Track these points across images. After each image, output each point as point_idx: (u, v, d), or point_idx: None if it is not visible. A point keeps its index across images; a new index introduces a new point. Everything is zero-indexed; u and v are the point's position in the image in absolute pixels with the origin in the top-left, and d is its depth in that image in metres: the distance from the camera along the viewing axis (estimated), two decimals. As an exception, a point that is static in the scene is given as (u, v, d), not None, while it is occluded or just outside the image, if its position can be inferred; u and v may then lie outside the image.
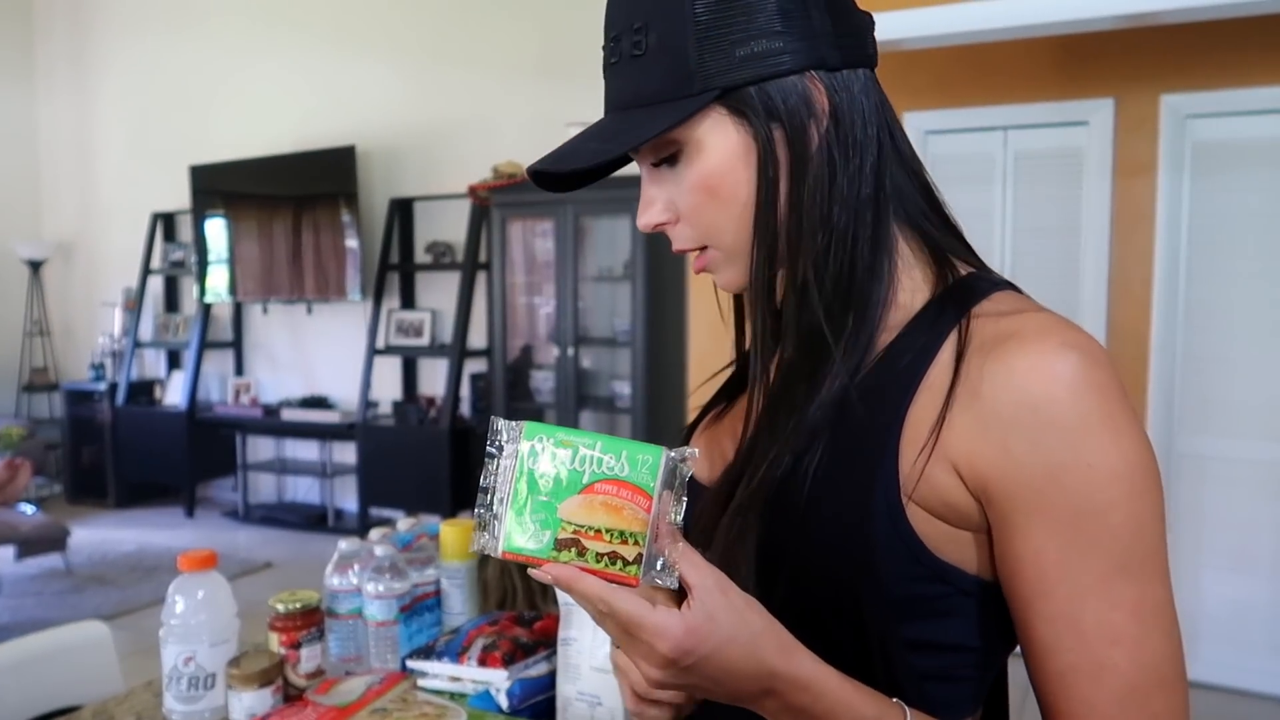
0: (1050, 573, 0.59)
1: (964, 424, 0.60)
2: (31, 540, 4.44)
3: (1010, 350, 0.60)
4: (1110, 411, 0.58)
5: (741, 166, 0.65)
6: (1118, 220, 3.38)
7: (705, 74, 0.63)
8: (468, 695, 1.23)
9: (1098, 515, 0.58)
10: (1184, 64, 3.23)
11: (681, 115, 0.64)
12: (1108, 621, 0.58)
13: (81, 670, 1.50)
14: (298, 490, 5.99)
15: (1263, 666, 3.26)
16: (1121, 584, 0.58)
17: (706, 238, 0.69)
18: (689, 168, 0.67)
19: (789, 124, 0.64)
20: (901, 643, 0.63)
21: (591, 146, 0.67)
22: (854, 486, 0.62)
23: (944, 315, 0.65)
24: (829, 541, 0.63)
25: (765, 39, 0.63)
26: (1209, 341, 3.29)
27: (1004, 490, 0.60)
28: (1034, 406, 0.58)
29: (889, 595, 0.62)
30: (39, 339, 6.65)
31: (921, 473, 0.61)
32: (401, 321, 5.40)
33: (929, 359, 0.63)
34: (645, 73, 0.66)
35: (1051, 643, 0.59)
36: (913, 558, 0.62)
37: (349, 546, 1.36)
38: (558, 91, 4.92)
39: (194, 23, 6.11)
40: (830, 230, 0.65)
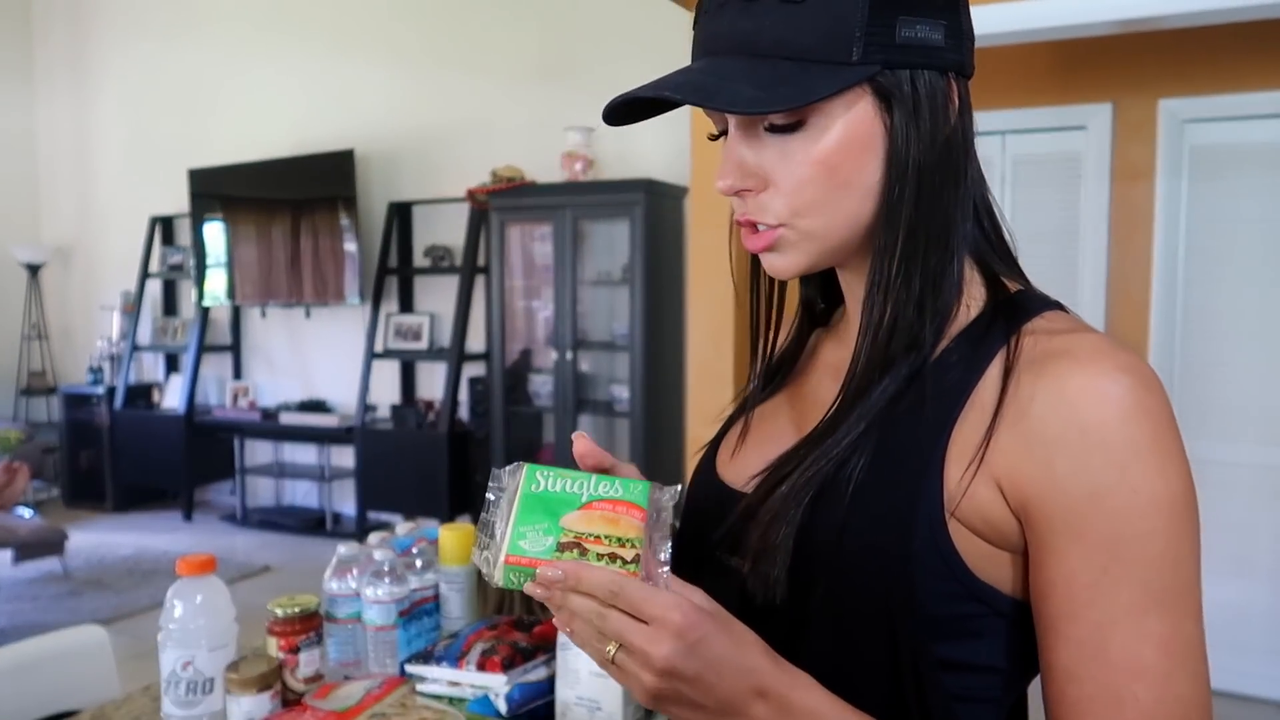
0: (1081, 596, 0.57)
1: (1010, 441, 0.59)
2: (29, 544, 4.43)
3: (1062, 370, 0.58)
4: (1159, 439, 0.57)
5: (868, 151, 0.62)
6: (1116, 225, 3.39)
7: (868, 45, 0.59)
8: (467, 700, 1.22)
9: (1137, 542, 0.56)
10: (1182, 69, 3.24)
11: (840, 84, 0.59)
12: (1134, 653, 0.56)
13: (79, 675, 1.50)
14: (296, 494, 5.98)
15: (1262, 671, 3.26)
16: (1154, 616, 0.56)
17: (798, 215, 0.63)
18: (809, 140, 0.61)
19: (930, 121, 0.62)
20: (934, 661, 0.62)
21: (748, 92, 0.59)
22: (897, 499, 0.61)
23: (993, 330, 0.63)
24: (867, 553, 0.61)
25: (928, 25, 0.60)
26: (1207, 346, 3.30)
27: (1044, 510, 0.58)
28: (1083, 427, 0.57)
29: (924, 612, 0.60)
30: (37, 342, 6.64)
31: (966, 489, 0.60)
32: (400, 325, 5.40)
33: (978, 374, 0.62)
34: (800, 22, 0.59)
35: (1073, 669, 0.58)
36: (951, 575, 0.60)
37: (348, 551, 1.36)
38: (556, 96, 4.92)
39: (192, 26, 6.12)
40: (946, 239, 0.64)
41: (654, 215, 4.31)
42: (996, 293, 0.66)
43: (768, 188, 0.64)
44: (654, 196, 4.30)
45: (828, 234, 0.64)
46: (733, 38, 0.61)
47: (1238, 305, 3.25)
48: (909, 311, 0.63)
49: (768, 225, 0.65)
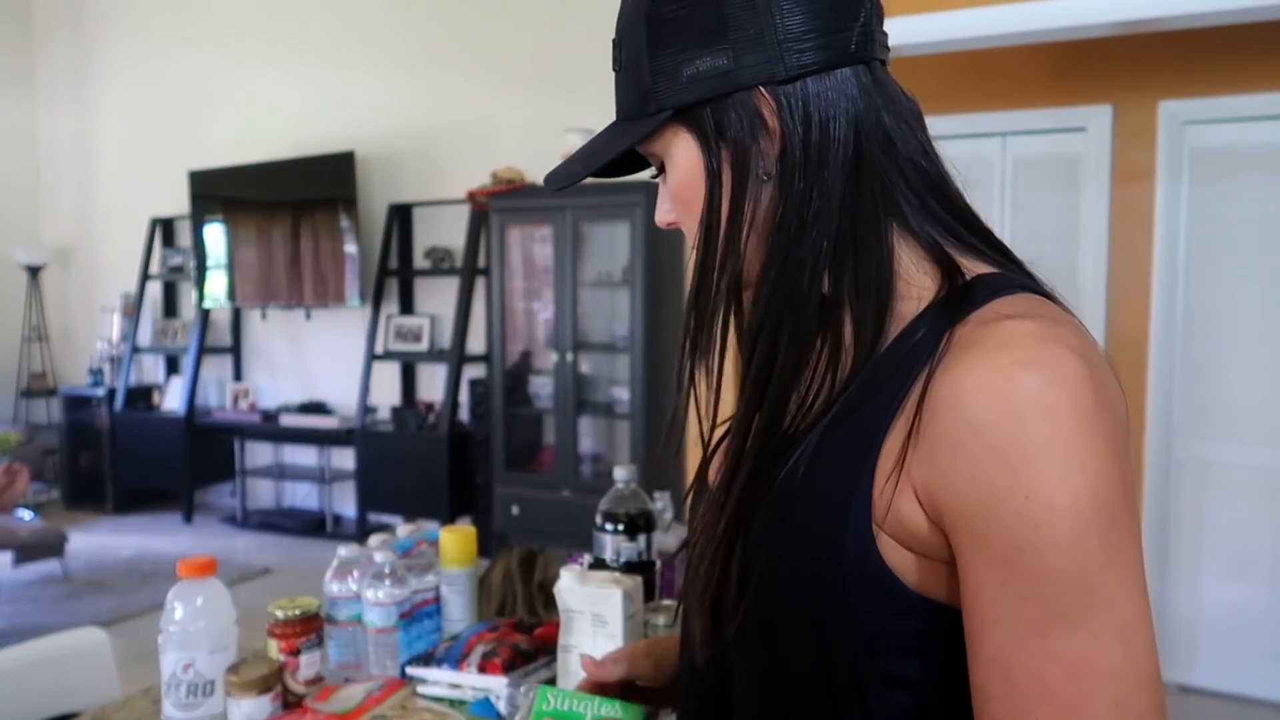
0: (987, 613, 0.54)
1: (920, 445, 0.56)
2: (29, 546, 4.43)
3: (964, 364, 0.55)
4: (1064, 440, 0.52)
5: (701, 182, 0.67)
6: (1116, 226, 3.39)
7: (658, 94, 0.65)
8: (467, 702, 1.22)
9: (1033, 554, 0.52)
10: (1182, 70, 3.24)
11: (634, 137, 0.67)
12: (1039, 675, 0.52)
13: (80, 677, 1.50)
14: (296, 496, 5.98)
15: (1262, 672, 3.26)
16: (1058, 636, 0.52)
17: (692, 241, 0.70)
18: (667, 179, 0.70)
19: (734, 143, 0.64)
20: (879, 678, 0.59)
21: (571, 167, 0.71)
22: (826, 513, 0.59)
23: (935, 326, 0.60)
24: (798, 568, 0.60)
25: (710, 57, 0.63)
26: (1207, 347, 3.30)
27: (951, 519, 0.55)
28: (974, 428, 0.53)
29: (862, 629, 0.58)
30: (37, 344, 6.64)
31: (889, 501, 0.57)
32: (400, 327, 5.40)
33: (912, 371, 0.58)
34: (621, 87, 0.68)
35: (984, 688, 0.55)
36: (884, 590, 0.58)
37: (348, 553, 1.36)
38: (556, 97, 4.92)
39: (193, 29, 6.12)
40: (784, 247, 0.63)
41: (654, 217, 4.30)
42: (949, 281, 0.62)
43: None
44: (654, 198, 4.29)
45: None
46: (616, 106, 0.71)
47: (1238, 306, 3.25)
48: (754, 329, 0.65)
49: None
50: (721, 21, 0.62)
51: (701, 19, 0.63)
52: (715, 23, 0.62)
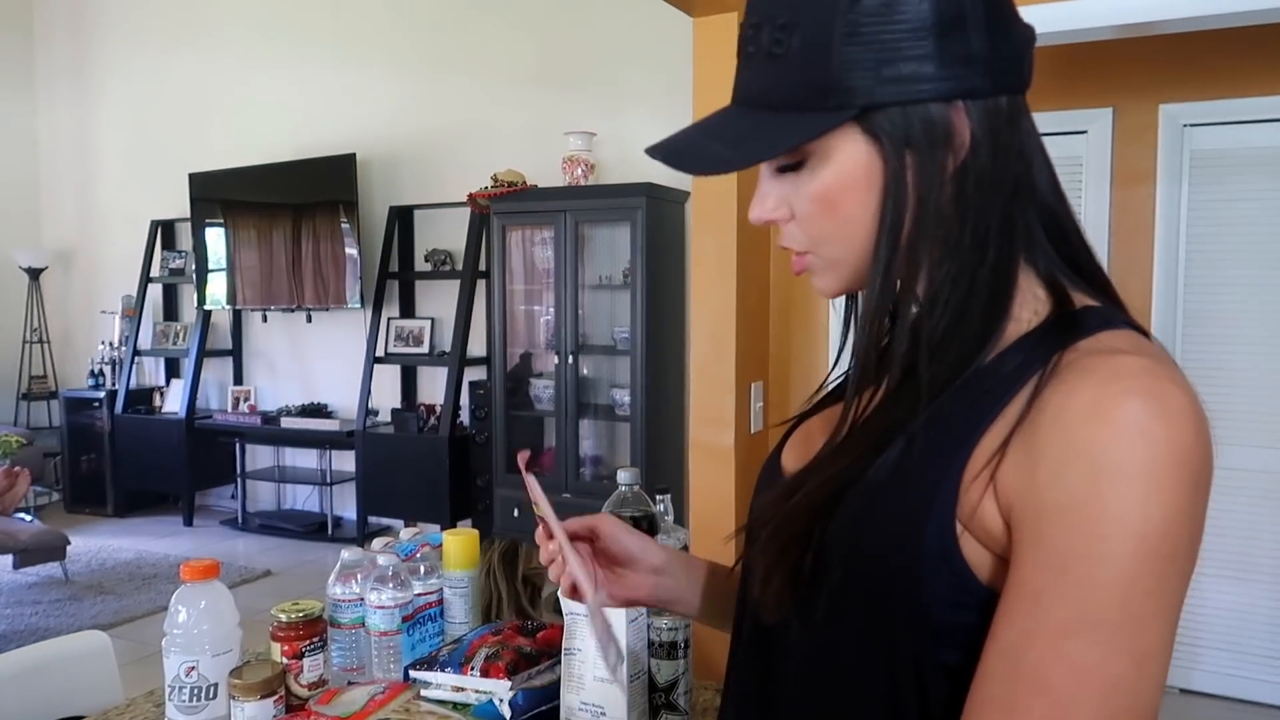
0: (1021, 603, 0.56)
1: (1014, 452, 0.59)
2: (30, 549, 4.43)
3: (1079, 386, 0.57)
4: (1154, 468, 0.54)
5: (865, 186, 0.64)
6: (1116, 229, 3.39)
7: (845, 89, 0.61)
8: (471, 705, 1.22)
9: (1087, 563, 0.54)
10: (1182, 73, 3.24)
11: (813, 132, 0.62)
12: (1045, 670, 0.54)
13: (82, 680, 1.50)
14: (297, 498, 5.98)
15: (1263, 676, 3.26)
16: (1080, 642, 0.54)
17: (814, 245, 0.68)
18: (811, 177, 0.65)
19: (924, 154, 0.62)
20: (939, 667, 0.62)
21: (716, 151, 0.65)
22: (911, 505, 0.61)
23: (1042, 345, 0.62)
24: (878, 556, 0.62)
25: (915, 62, 0.61)
26: (1208, 349, 3.30)
27: (1020, 517, 0.58)
28: (1071, 440, 0.56)
29: (930, 617, 0.61)
30: (38, 347, 6.64)
31: (978, 499, 0.60)
32: (401, 329, 5.41)
33: (1015, 386, 0.61)
34: (782, 74, 0.63)
35: (989, 669, 0.57)
36: (959, 583, 0.60)
37: (351, 556, 1.36)
38: (556, 100, 4.93)
39: (194, 32, 6.13)
40: (952, 268, 0.64)
41: (655, 219, 4.31)
42: (1059, 308, 0.65)
43: (792, 219, 0.68)
44: (655, 201, 4.30)
45: (844, 261, 0.67)
46: (741, 89, 0.67)
47: (1238, 309, 3.25)
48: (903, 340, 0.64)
49: (797, 253, 0.69)
50: (932, 26, 0.61)
51: (911, 20, 0.61)
52: (925, 26, 0.61)
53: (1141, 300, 3.36)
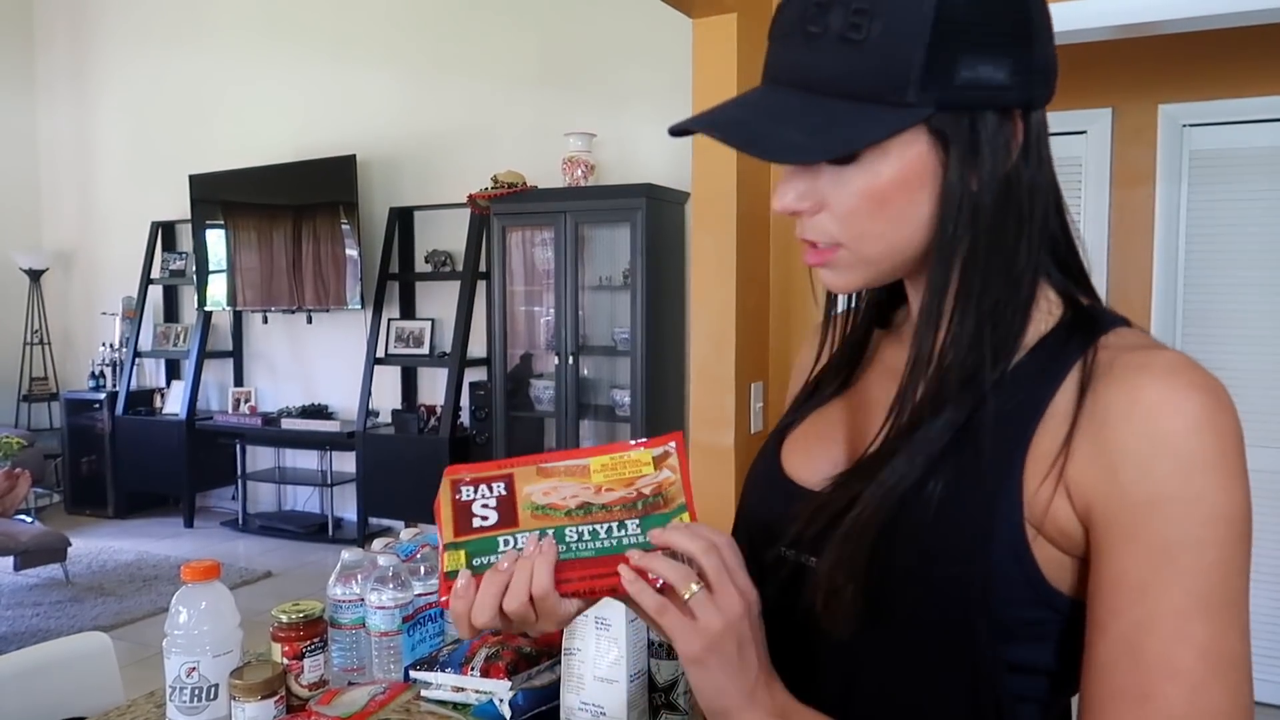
0: (1128, 594, 0.58)
1: (1082, 451, 0.60)
2: (31, 550, 4.43)
3: (1139, 383, 0.59)
4: (1226, 455, 0.58)
5: (921, 187, 0.63)
6: (1116, 229, 3.39)
7: (923, 86, 0.59)
8: (471, 705, 1.22)
9: (1192, 549, 0.57)
10: (1181, 74, 3.25)
11: (893, 128, 0.60)
12: (1171, 655, 0.56)
13: (83, 681, 1.50)
14: (297, 499, 5.98)
15: (1264, 675, 3.26)
16: (1197, 622, 0.57)
17: (851, 240, 0.65)
18: (863, 173, 0.62)
19: (989, 160, 0.62)
20: (1004, 664, 0.63)
21: (792, 138, 0.61)
22: (976, 513, 0.62)
23: (1070, 343, 0.64)
24: (948, 564, 0.62)
25: (992, 65, 0.60)
26: (1207, 350, 3.30)
27: (1106, 513, 0.59)
28: (1152, 436, 0.58)
29: (999, 618, 0.62)
30: (38, 348, 6.65)
31: (1047, 501, 0.61)
32: (401, 330, 5.41)
33: (1054, 385, 0.63)
34: (858, 62, 0.60)
35: (1108, 663, 0.58)
36: (1026, 582, 0.61)
37: (352, 556, 1.36)
38: (557, 101, 4.93)
39: (194, 32, 6.13)
40: (1007, 274, 0.64)
41: (655, 220, 4.31)
42: (1072, 308, 0.67)
43: (822, 210, 0.65)
44: (655, 201, 4.30)
45: (880, 259, 0.66)
46: (794, 70, 0.63)
47: (1238, 309, 3.25)
48: (963, 346, 0.64)
49: (822, 246, 0.66)
50: (1013, 30, 0.61)
51: (995, 21, 0.60)
52: (1008, 30, 0.60)
53: (1141, 300, 3.36)
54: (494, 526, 0.65)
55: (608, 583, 0.62)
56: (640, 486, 0.65)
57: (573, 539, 0.64)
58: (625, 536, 0.63)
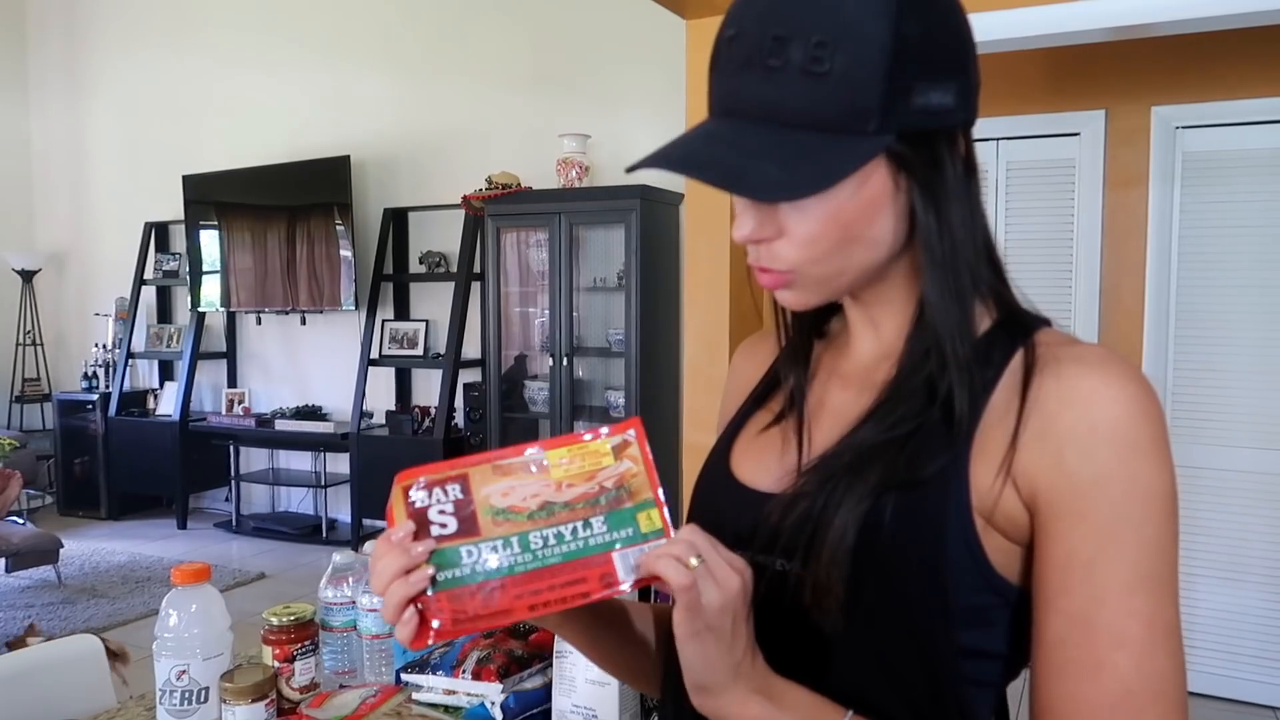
0: (1076, 573, 0.61)
1: (1026, 441, 0.63)
2: (23, 552, 4.42)
3: (1077, 374, 0.63)
4: (1158, 439, 0.62)
5: (880, 211, 0.65)
6: (1109, 231, 3.40)
7: (885, 115, 0.61)
8: (463, 708, 1.22)
9: (1133, 526, 0.61)
10: (1175, 76, 3.26)
11: (863, 158, 0.62)
12: (1120, 626, 0.60)
13: (74, 684, 1.49)
14: (291, 501, 5.97)
15: (1255, 676, 3.26)
16: (1141, 595, 0.60)
17: (807, 265, 0.67)
18: (825, 199, 0.64)
19: (949, 179, 0.65)
20: (956, 649, 0.65)
21: (772, 174, 0.61)
22: (930, 501, 0.64)
23: (1000, 341, 0.68)
24: (904, 553, 0.64)
25: (941, 90, 0.63)
26: (1200, 351, 3.31)
27: (1051, 497, 0.62)
28: (1093, 423, 0.61)
29: (953, 605, 0.64)
30: (31, 349, 6.63)
31: (998, 491, 0.64)
32: (395, 332, 5.40)
33: (994, 380, 0.66)
34: (823, 95, 0.61)
35: (1060, 637, 0.61)
36: (976, 570, 0.64)
37: (343, 559, 1.36)
38: (551, 103, 4.93)
39: (187, 33, 6.12)
40: (968, 280, 0.68)
41: (649, 222, 4.31)
42: (999, 308, 0.71)
43: (781, 236, 0.66)
44: (649, 203, 4.31)
45: (836, 279, 0.68)
46: (757, 104, 0.63)
47: (1230, 311, 3.26)
48: (952, 343, 0.67)
49: (779, 271, 0.68)
50: (956, 57, 0.64)
51: (941, 50, 0.63)
52: (952, 57, 0.64)
53: (1134, 302, 3.37)
54: (454, 535, 0.63)
55: (579, 590, 0.61)
56: (601, 480, 0.63)
57: (538, 545, 0.62)
58: (592, 536, 0.62)
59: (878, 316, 0.74)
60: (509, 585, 0.61)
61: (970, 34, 0.67)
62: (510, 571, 0.62)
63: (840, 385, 0.76)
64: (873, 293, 0.72)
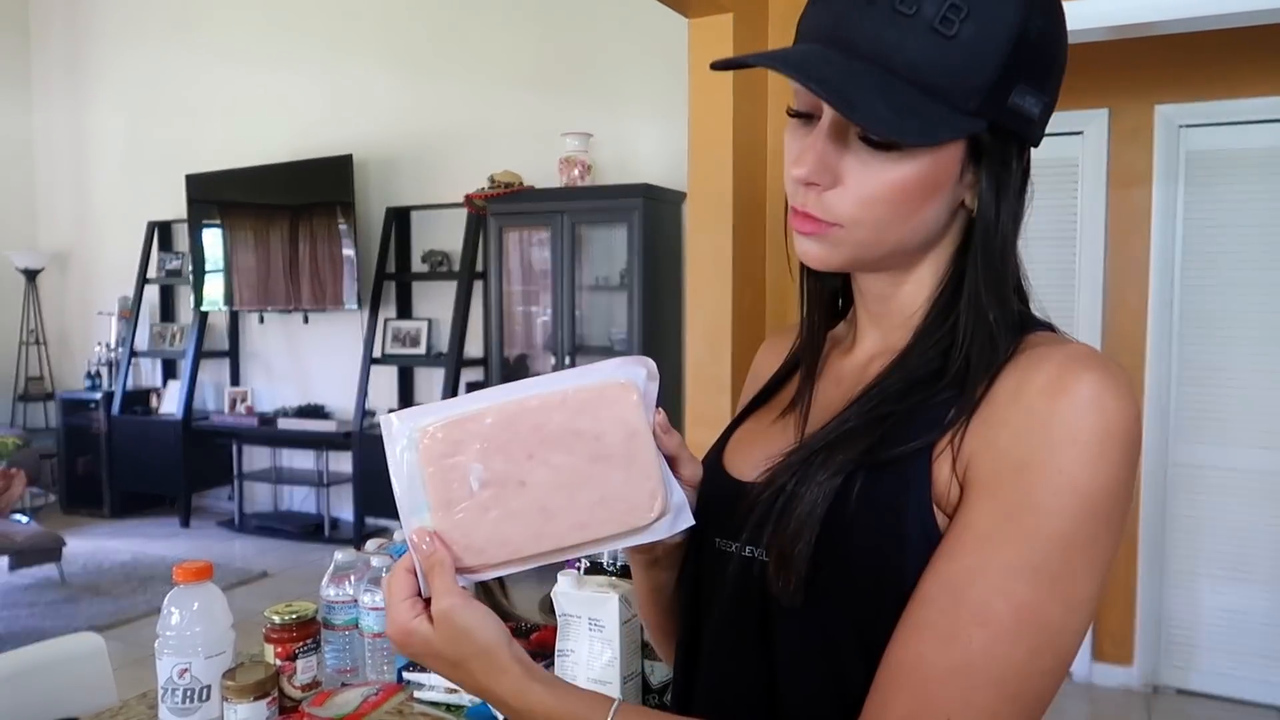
0: (967, 544, 0.60)
1: (973, 428, 0.63)
2: (26, 550, 4.42)
3: (1035, 368, 0.62)
4: (1106, 437, 0.59)
5: (939, 193, 0.65)
6: (1112, 230, 3.39)
7: (986, 99, 0.61)
8: (464, 707, 1.22)
9: (1040, 514, 0.58)
10: (1178, 74, 3.25)
11: (960, 132, 0.62)
12: (988, 604, 0.58)
13: (77, 682, 1.50)
14: (294, 500, 5.98)
15: (1259, 675, 3.26)
16: (1023, 582, 0.58)
17: (854, 224, 0.66)
18: (896, 163, 0.63)
19: (1010, 183, 0.66)
20: None
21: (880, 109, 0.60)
22: (893, 488, 0.64)
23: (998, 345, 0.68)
24: (866, 542, 0.64)
25: (1034, 99, 0.63)
26: (1204, 350, 3.30)
27: (974, 475, 0.61)
28: (1031, 410, 0.60)
29: (907, 591, 0.63)
30: (34, 348, 6.64)
31: (948, 480, 0.63)
32: (398, 330, 5.40)
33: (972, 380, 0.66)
34: (941, 56, 0.60)
35: (928, 597, 0.60)
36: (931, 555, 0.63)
37: (345, 558, 1.36)
38: (554, 101, 4.93)
39: (191, 31, 6.13)
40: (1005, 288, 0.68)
41: (652, 221, 4.31)
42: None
43: (836, 187, 0.65)
44: (652, 202, 4.30)
45: (872, 248, 0.67)
46: (873, 42, 0.61)
47: (1234, 310, 3.25)
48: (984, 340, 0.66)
49: (824, 220, 0.66)
50: (1054, 72, 0.65)
51: (1049, 59, 0.64)
52: (1053, 70, 0.65)
53: (1138, 301, 3.36)
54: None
55: None
56: None
57: None
58: None
59: (882, 315, 0.74)
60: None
61: (1066, 59, 0.67)
62: None
63: (834, 383, 0.76)
64: (886, 288, 0.72)
